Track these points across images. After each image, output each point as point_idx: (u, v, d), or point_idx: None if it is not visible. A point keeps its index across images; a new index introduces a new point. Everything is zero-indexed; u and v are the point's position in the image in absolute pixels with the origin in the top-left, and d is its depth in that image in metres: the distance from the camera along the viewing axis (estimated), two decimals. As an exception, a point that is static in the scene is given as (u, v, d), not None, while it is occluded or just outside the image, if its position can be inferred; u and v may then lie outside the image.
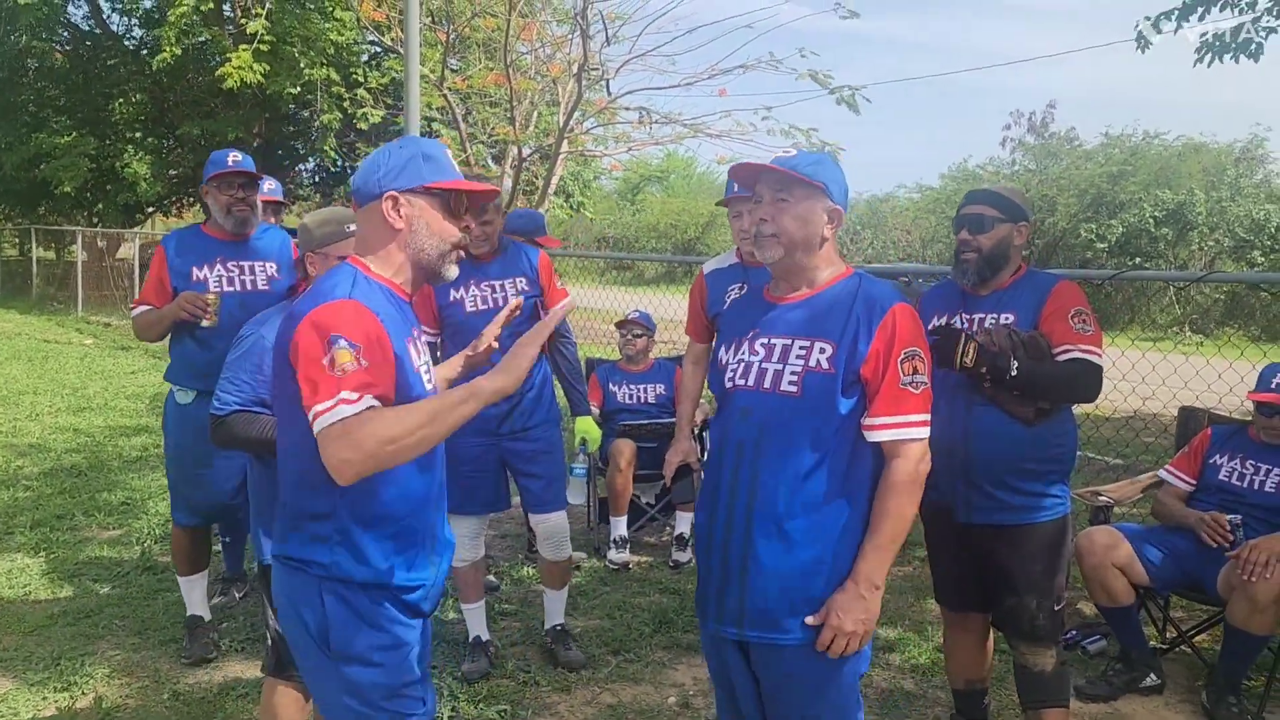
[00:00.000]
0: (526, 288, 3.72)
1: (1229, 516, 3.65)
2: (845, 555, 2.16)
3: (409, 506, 2.04)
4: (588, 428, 4.08)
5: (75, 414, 8.64)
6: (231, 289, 3.81)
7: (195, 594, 4.04)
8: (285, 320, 1.99)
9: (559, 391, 4.03)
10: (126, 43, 19.58)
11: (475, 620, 3.91)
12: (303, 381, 1.86)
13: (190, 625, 4.01)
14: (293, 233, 4.00)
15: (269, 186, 4.34)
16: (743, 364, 2.25)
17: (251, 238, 3.93)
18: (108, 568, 4.90)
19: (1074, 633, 4.16)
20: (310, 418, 1.84)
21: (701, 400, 3.91)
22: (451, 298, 3.65)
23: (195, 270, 3.80)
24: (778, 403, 2.17)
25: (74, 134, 17.11)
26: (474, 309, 3.64)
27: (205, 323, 3.69)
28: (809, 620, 2.14)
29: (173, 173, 18.70)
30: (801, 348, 2.18)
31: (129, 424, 8.27)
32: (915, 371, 2.14)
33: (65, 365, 11.51)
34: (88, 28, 19.56)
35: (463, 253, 2.12)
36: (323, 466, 1.84)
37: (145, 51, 18.44)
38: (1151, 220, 18.96)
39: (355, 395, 1.82)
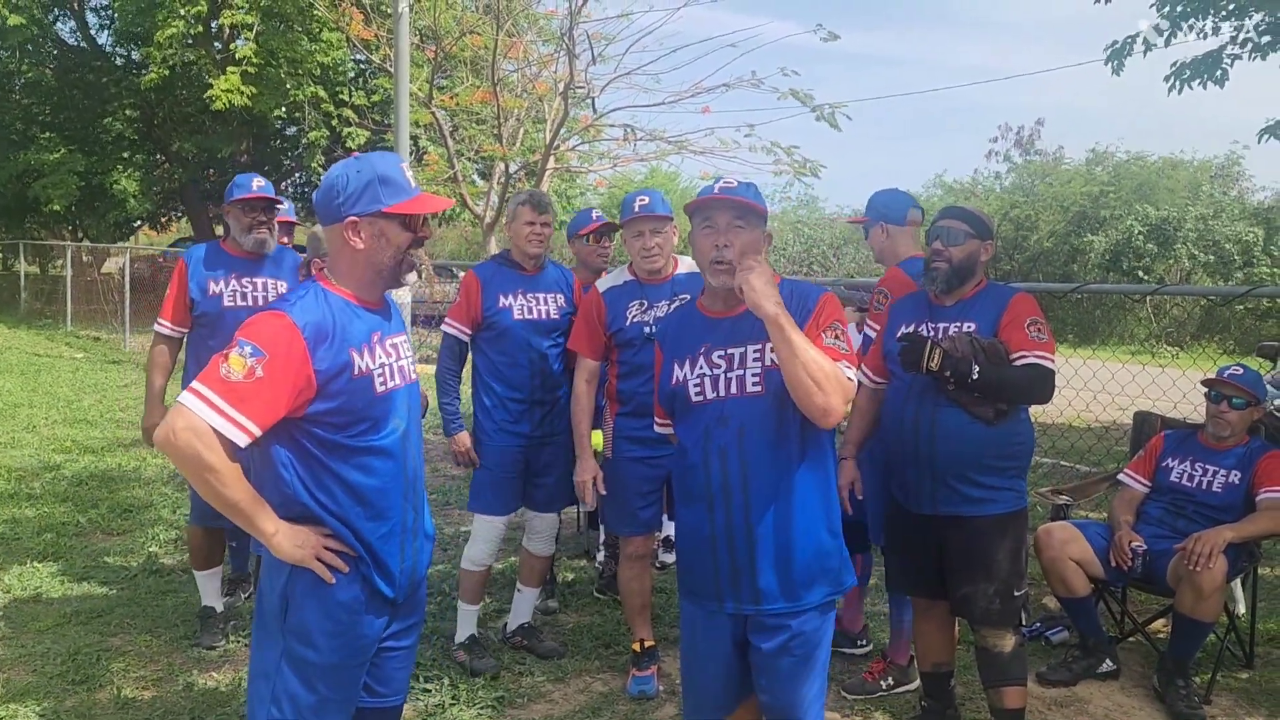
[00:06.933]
0: (564, 304, 4.03)
1: (1134, 544, 3.88)
2: (829, 517, 2.45)
3: (378, 495, 2.21)
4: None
5: (71, 426, 8.80)
6: (244, 304, 4.04)
7: (209, 586, 4.32)
8: None
9: None
10: (114, 59, 19.71)
11: (469, 621, 4.10)
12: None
13: (204, 616, 4.31)
14: (302, 249, 4.24)
15: (283, 208, 4.51)
16: (705, 378, 2.47)
17: (267, 257, 4.16)
18: (115, 571, 5.09)
19: (1038, 625, 4.41)
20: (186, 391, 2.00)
21: None
22: (500, 304, 3.95)
23: (211, 284, 4.04)
24: (748, 403, 2.41)
25: (63, 150, 17.20)
26: (521, 317, 3.94)
27: None
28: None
29: (158, 189, 18.81)
30: (755, 351, 2.42)
31: (126, 435, 8.43)
32: (838, 336, 2.39)
33: (58, 379, 11.63)
34: (74, 42, 19.69)
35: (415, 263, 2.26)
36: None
37: (133, 71, 18.59)
38: (1140, 236, 19.33)
39: (219, 399, 1.96)
